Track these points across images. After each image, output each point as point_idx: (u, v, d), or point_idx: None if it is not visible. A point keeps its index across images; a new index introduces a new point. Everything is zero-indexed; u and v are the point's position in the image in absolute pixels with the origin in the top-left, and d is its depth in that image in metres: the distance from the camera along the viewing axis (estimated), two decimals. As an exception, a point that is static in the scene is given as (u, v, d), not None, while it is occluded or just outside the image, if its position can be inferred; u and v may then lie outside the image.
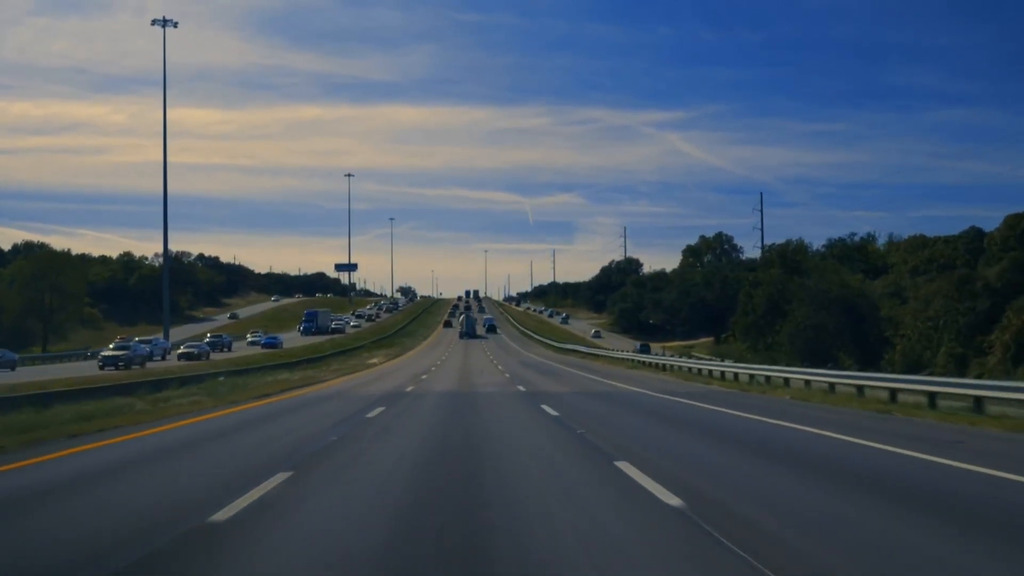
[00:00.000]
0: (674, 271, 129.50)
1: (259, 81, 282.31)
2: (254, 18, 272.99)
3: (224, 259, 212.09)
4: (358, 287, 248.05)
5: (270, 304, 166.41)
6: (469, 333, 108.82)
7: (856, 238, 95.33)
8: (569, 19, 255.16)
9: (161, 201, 69.04)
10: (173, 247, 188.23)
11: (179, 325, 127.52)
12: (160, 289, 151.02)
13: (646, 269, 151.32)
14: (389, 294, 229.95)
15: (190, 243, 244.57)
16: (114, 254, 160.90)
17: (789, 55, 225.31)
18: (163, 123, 44.71)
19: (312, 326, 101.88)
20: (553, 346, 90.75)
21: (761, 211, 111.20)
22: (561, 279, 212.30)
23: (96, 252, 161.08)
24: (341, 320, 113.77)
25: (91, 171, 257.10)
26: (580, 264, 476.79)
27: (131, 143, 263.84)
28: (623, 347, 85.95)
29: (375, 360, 57.34)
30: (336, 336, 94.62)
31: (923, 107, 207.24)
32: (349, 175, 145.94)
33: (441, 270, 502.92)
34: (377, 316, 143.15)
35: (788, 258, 71.94)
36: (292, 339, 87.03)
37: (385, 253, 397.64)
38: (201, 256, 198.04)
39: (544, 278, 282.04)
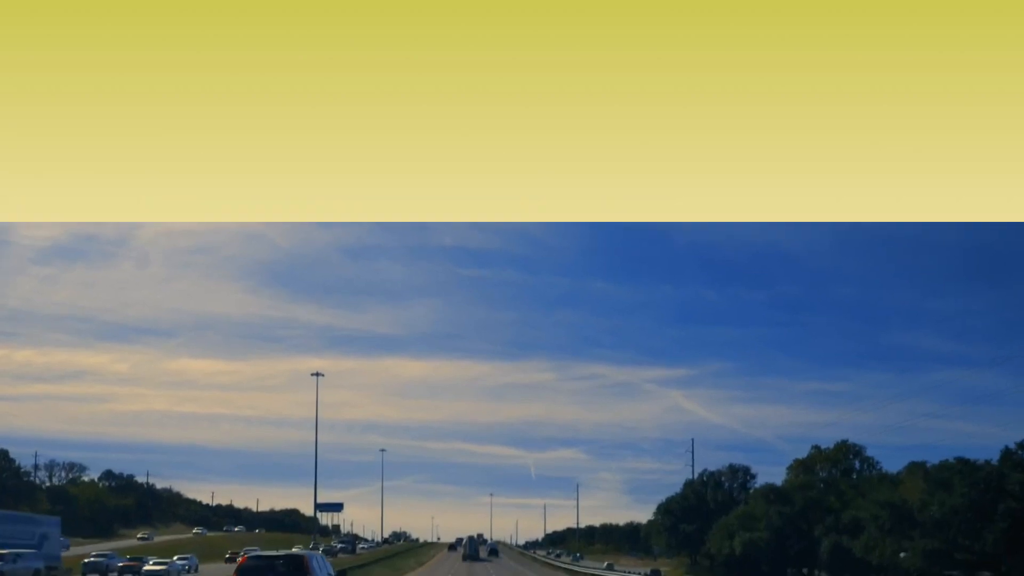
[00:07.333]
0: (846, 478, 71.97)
1: (262, 333, 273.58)
2: (257, 270, 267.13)
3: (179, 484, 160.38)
4: (343, 530, 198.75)
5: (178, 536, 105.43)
6: (472, 556, 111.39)
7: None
8: (572, 276, 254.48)
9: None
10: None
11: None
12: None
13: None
14: (379, 538, 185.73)
15: (194, 492, 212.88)
16: None
17: (791, 315, 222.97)
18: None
19: None
20: None
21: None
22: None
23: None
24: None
25: (93, 419, 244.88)
26: (581, 518, 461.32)
27: (133, 392, 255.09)
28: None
29: None
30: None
31: (924, 368, 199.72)
32: (317, 374, 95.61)
33: (442, 521, 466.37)
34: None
35: None
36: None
37: (386, 504, 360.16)
38: (109, 473, 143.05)
39: (549, 527, 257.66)
